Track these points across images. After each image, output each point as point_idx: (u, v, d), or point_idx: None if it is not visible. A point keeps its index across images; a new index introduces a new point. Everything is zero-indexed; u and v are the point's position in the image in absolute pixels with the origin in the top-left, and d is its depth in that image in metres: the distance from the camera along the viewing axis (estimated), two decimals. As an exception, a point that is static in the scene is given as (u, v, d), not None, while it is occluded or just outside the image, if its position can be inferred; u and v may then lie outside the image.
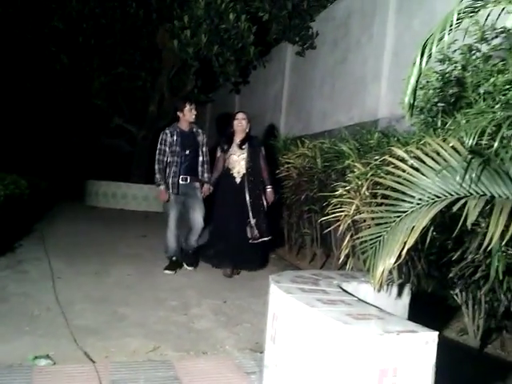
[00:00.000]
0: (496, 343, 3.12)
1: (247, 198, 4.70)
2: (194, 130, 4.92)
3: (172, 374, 2.40)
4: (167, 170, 4.77)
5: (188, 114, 4.80)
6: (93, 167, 13.83)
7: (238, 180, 4.78)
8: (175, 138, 4.77)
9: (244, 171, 4.76)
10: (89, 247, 5.71)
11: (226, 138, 4.94)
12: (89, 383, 2.21)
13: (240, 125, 4.82)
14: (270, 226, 4.79)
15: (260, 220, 4.69)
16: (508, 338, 3.11)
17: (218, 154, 4.97)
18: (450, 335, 3.22)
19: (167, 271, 4.67)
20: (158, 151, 4.77)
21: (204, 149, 4.91)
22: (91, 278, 4.27)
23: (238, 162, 4.80)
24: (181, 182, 4.76)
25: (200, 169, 4.89)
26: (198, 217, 4.78)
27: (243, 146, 4.82)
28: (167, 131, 4.81)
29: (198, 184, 4.86)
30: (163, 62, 10.71)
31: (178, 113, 4.85)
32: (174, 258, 4.80)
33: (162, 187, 4.71)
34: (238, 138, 4.86)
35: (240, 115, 4.91)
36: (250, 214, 4.66)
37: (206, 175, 4.89)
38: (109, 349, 2.69)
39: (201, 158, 4.89)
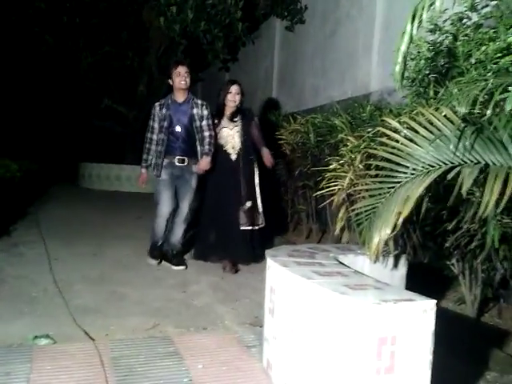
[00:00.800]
0: (493, 312, 3.17)
1: (241, 177, 4.18)
2: (191, 101, 4.14)
3: (172, 349, 2.42)
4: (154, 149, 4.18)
5: (177, 80, 4.04)
6: (85, 149, 13.73)
7: (233, 157, 4.23)
8: (164, 111, 4.10)
9: (240, 146, 4.22)
10: (84, 229, 5.71)
11: (215, 111, 4.33)
12: (89, 360, 2.23)
13: (233, 100, 4.23)
14: (265, 211, 4.30)
15: (255, 203, 4.23)
16: (505, 307, 3.16)
17: None
18: (448, 305, 3.26)
19: (151, 260, 4.21)
20: (147, 128, 4.20)
21: (204, 122, 4.11)
22: (88, 259, 4.28)
23: (231, 136, 4.24)
24: (176, 163, 4.09)
25: (199, 148, 4.13)
26: (183, 208, 4.19)
27: (235, 119, 4.28)
28: (157, 103, 4.17)
29: (195, 167, 4.16)
30: (150, 40, 10.55)
31: (169, 80, 4.14)
32: (158, 244, 4.24)
33: (143, 170, 4.22)
34: (228, 111, 4.29)
35: (234, 89, 4.22)
36: (244, 195, 4.16)
37: (206, 146, 4.08)
38: (108, 327, 2.71)
39: (200, 135, 4.11)
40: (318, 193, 3.32)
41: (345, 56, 6.31)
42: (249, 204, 4.16)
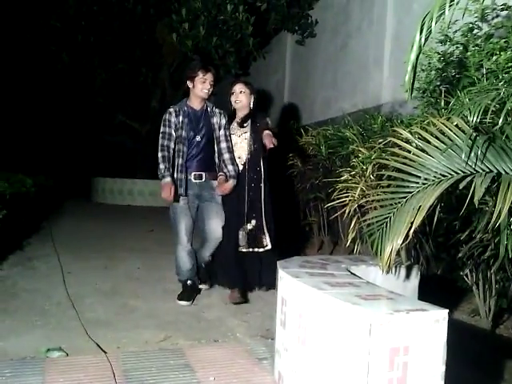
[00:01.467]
0: (508, 323, 3.12)
1: (245, 192, 3.65)
2: (209, 109, 3.66)
3: (183, 361, 2.41)
4: (174, 162, 3.55)
5: (199, 87, 3.52)
6: (98, 164, 13.88)
7: (240, 167, 3.70)
8: (181, 118, 3.55)
9: (247, 155, 3.71)
10: (97, 243, 5.75)
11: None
12: (101, 373, 2.22)
13: (238, 101, 3.76)
14: (274, 232, 3.70)
15: (260, 223, 3.64)
16: (519, 318, 3.11)
17: None
18: (462, 317, 3.21)
19: (182, 302, 3.45)
20: (160, 135, 3.56)
21: (222, 132, 3.63)
22: (101, 272, 4.30)
23: (239, 143, 3.74)
24: (193, 180, 3.56)
25: (219, 160, 3.64)
26: (215, 227, 3.59)
27: (245, 124, 3.77)
28: (171, 109, 3.60)
29: (216, 183, 3.60)
30: (163, 56, 10.70)
31: (188, 83, 3.58)
32: (188, 283, 3.60)
33: (168, 179, 3.42)
34: (239, 115, 3.81)
35: (237, 87, 3.77)
36: (246, 214, 3.62)
37: (229, 167, 3.57)
38: (120, 340, 2.71)
39: (220, 146, 3.62)
40: (330, 204, 3.31)
41: (356, 68, 6.33)
42: (251, 225, 3.62)
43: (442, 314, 1.59)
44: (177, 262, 3.63)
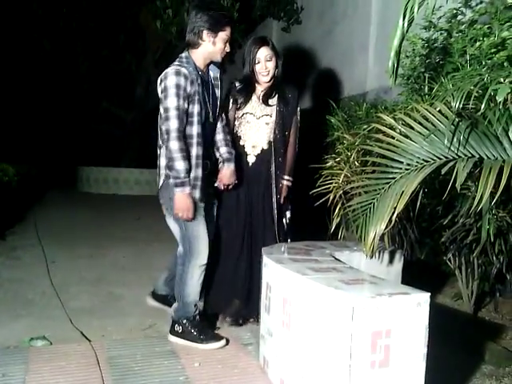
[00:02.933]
0: (490, 307, 3.18)
1: (273, 195, 2.84)
2: (213, 75, 2.64)
3: (169, 348, 2.41)
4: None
5: (221, 47, 2.53)
6: (83, 153, 13.73)
7: (250, 160, 2.86)
8: (196, 87, 2.45)
9: (264, 146, 2.86)
10: (82, 232, 5.70)
11: (239, 88, 2.92)
12: (86, 361, 2.22)
13: (265, 72, 2.84)
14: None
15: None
16: (501, 301, 3.17)
17: (229, 108, 2.89)
18: (445, 301, 3.26)
19: (216, 344, 2.47)
20: (171, 112, 2.39)
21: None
22: (86, 261, 4.27)
23: (256, 128, 2.85)
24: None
25: (219, 139, 2.71)
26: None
27: (271, 102, 2.88)
28: (183, 70, 2.41)
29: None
30: (148, 43, 10.57)
31: (205, 36, 2.49)
32: (197, 317, 2.57)
33: (188, 188, 2.41)
34: (260, 88, 2.90)
35: (263, 54, 2.82)
36: (276, 227, 2.83)
37: (224, 149, 2.69)
38: (105, 328, 2.71)
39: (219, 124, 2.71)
40: (314, 190, 3.31)
41: (341, 55, 6.32)
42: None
43: (424, 297, 1.61)
44: (188, 290, 2.51)
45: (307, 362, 1.77)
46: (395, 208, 2.03)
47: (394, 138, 2.29)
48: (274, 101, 2.89)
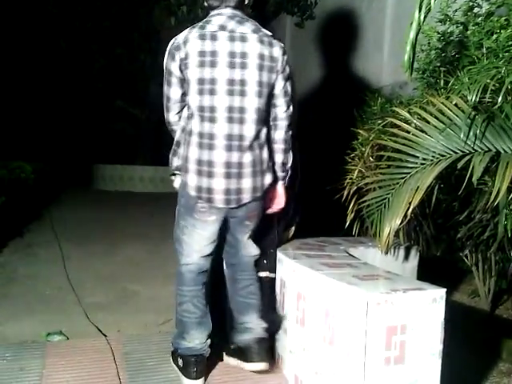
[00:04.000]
0: (508, 304, 3.13)
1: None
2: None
3: (183, 344, 2.41)
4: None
5: None
6: (98, 151, 13.84)
7: None
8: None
9: None
10: (97, 229, 5.75)
11: None
12: (101, 356, 2.24)
13: None
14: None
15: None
16: (519, 299, 3.12)
17: None
18: (462, 298, 3.22)
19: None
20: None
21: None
22: (101, 258, 4.30)
23: None
24: None
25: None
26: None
27: None
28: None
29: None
30: (162, 41, 10.60)
31: None
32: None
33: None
34: None
35: None
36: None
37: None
38: (120, 323, 2.73)
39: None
40: (329, 187, 3.29)
41: (355, 51, 6.27)
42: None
43: (440, 292, 1.59)
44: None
45: (321, 358, 1.76)
46: (410, 203, 2.01)
47: (409, 132, 2.26)
48: None
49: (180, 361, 2.06)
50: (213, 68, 1.91)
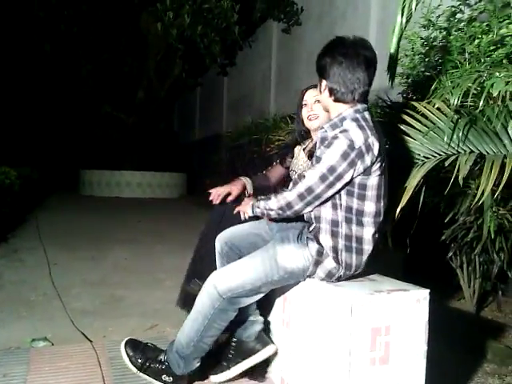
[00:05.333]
0: (492, 306, 3.17)
1: None
2: None
3: (170, 349, 2.40)
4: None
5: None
6: (85, 156, 13.77)
7: None
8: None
9: None
10: (84, 234, 5.71)
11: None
12: (86, 361, 2.22)
13: (313, 116, 2.31)
14: None
15: None
16: (504, 301, 3.16)
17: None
18: (447, 300, 3.25)
19: None
20: None
21: None
22: (88, 263, 4.27)
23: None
24: None
25: None
26: None
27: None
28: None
29: None
30: (148, 46, 10.61)
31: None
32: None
33: None
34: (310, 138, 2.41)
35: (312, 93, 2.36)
36: None
37: None
38: (106, 329, 2.71)
39: None
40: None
41: (341, 56, 6.32)
42: None
43: (423, 293, 1.60)
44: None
45: (307, 360, 1.76)
46: (397, 205, 2.03)
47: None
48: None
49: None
50: None
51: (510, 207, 2.41)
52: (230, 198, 2.23)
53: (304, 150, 2.39)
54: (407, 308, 1.57)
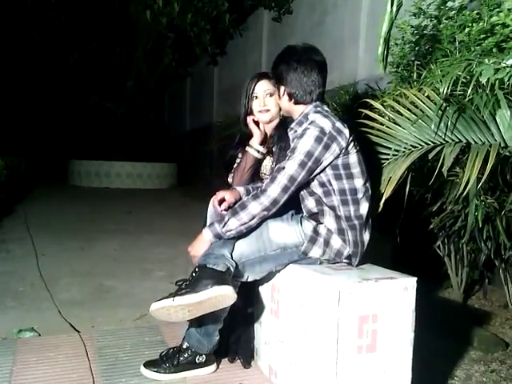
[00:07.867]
0: (479, 294, 3.19)
1: None
2: None
3: (159, 338, 2.40)
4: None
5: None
6: (74, 146, 13.64)
7: None
8: None
9: None
10: (73, 225, 5.67)
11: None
12: (74, 351, 2.20)
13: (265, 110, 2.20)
14: None
15: None
16: (490, 289, 3.18)
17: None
18: (434, 289, 3.27)
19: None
20: None
21: None
22: (76, 254, 4.24)
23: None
24: None
25: None
26: None
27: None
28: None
29: None
30: (138, 35, 10.50)
31: None
32: None
33: None
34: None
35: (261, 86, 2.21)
36: None
37: None
38: (95, 319, 2.69)
39: None
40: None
41: (332, 45, 6.29)
42: None
43: (411, 281, 1.60)
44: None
45: (295, 348, 1.76)
46: (383, 194, 2.03)
47: (383, 124, 2.28)
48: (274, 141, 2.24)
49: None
50: None
51: (496, 196, 2.42)
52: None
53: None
54: (395, 296, 1.57)
